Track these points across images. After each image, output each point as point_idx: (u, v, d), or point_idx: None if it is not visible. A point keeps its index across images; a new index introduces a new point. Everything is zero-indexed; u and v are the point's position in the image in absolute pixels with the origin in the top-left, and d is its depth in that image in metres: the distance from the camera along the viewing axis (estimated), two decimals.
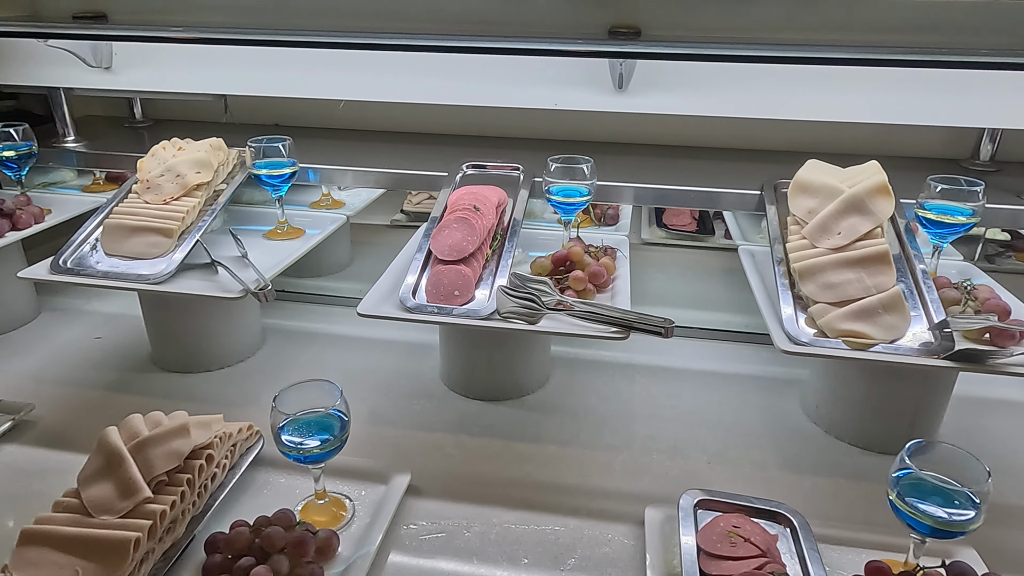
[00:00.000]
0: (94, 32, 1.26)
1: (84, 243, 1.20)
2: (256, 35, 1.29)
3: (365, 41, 1.23)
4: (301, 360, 1.31)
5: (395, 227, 1.79)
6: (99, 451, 0.85)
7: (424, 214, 1.82)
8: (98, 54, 1.34)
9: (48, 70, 1.37)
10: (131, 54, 1.37)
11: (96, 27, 1.27)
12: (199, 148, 1.32)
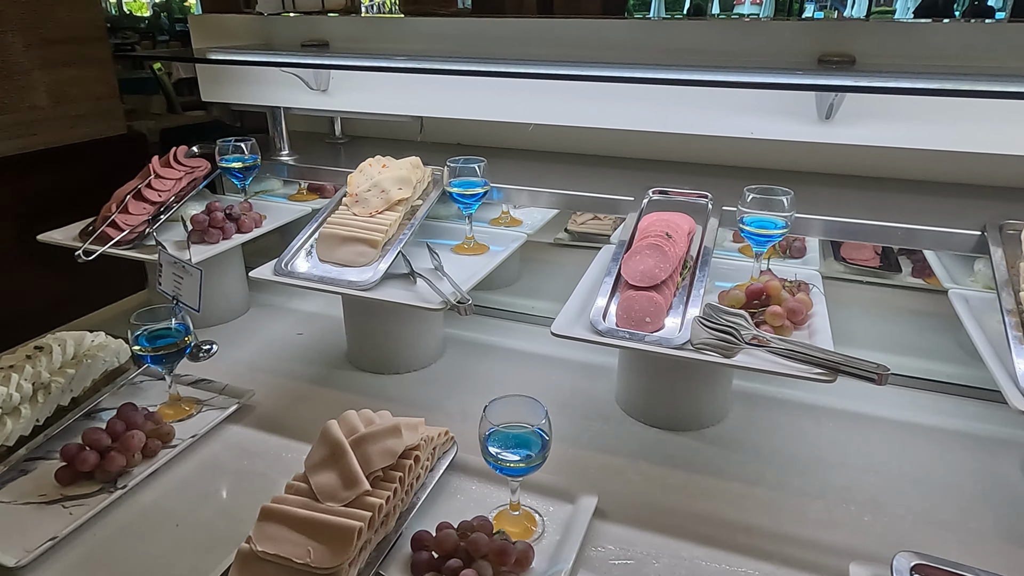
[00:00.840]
0: (316, 62, 1.39)
1: (301, 249, 1.33)
2: (456, 65, 1.37)
3: (561, 72, 1.26)
4: (479, 371, 1.37)
5: (558, 245, 1.83)
6: (323, 442, 0.94)
7: (588, 234, 1.85)
8: (319, 78, 1.48)
9: (274, 91, 1.53)
10: (345, 78, 1.51)
11: (318, 54, 1.41)
12: (401, 166, 1.42)
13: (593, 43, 1.45)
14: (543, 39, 1.46)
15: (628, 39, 1.42)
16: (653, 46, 1.38)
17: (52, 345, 1.14)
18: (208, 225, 1.43)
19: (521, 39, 1.46)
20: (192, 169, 1.57)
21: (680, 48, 1.38)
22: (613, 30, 1.44)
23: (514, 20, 1.45)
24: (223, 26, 1.62)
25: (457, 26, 1.43)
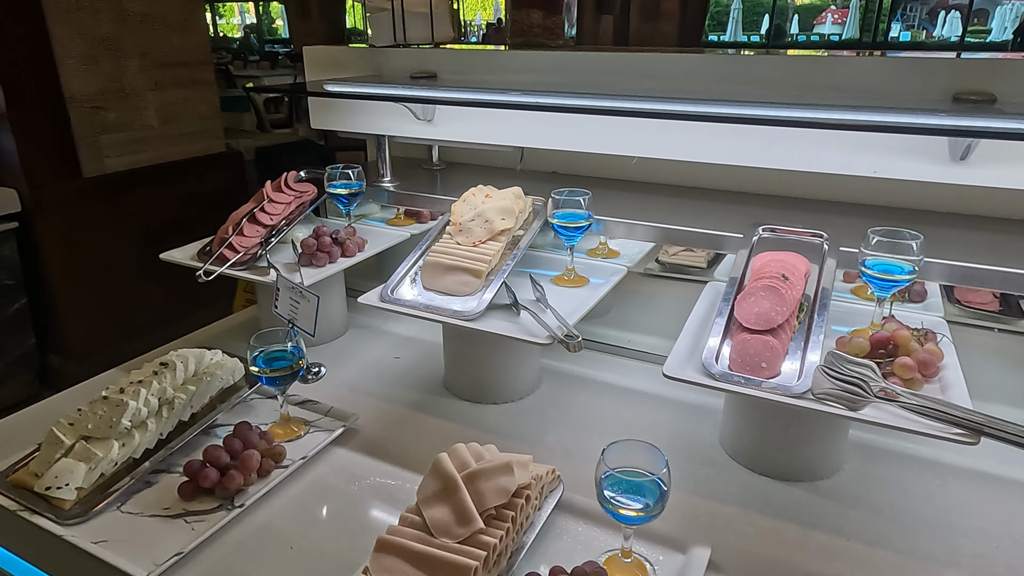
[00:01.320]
0: (427, 95, 1.42)
1: (406, 276, 1.35)
2: (561, 100, 1.37)
3: (670, 109, 1.25)
4: (576, 404, 1.35)
5: (649, 275, 1.80)
6: (436, 475, 0.94)
7: (680, 266, 1.81)
8: (426, 110, 1.52)
9: (382, 120, 1.57)
10: (450, 109, 1.54)
11: (428, 87, 1.45)
12: (504, 196, 1.43)
13: (700, 76, 1.43)
14: (647, 72, 1.45)
15: (736, 73, 1.39)
16: (763, 78, 1.35)
17: (176, 362, 1.19)
18: (316, 249, 1.48)
19: (624, 72, 1.46)
20: (300, 194, 1.63)
21: (791, 83, 1.35)
22: (721, 64, 1.42)
23: (618, 54, 1.45)
24: (335, 58, 1.69)
25: (560, 60, 1.44)
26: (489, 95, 1.37)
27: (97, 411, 1.09)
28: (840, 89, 1.27)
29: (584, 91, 1.38)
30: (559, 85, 1.43)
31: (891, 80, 1.23)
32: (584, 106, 1.22)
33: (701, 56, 1.49)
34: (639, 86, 1.43)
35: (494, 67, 1.51)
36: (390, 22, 1.58)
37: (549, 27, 1.52)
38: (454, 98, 1.36)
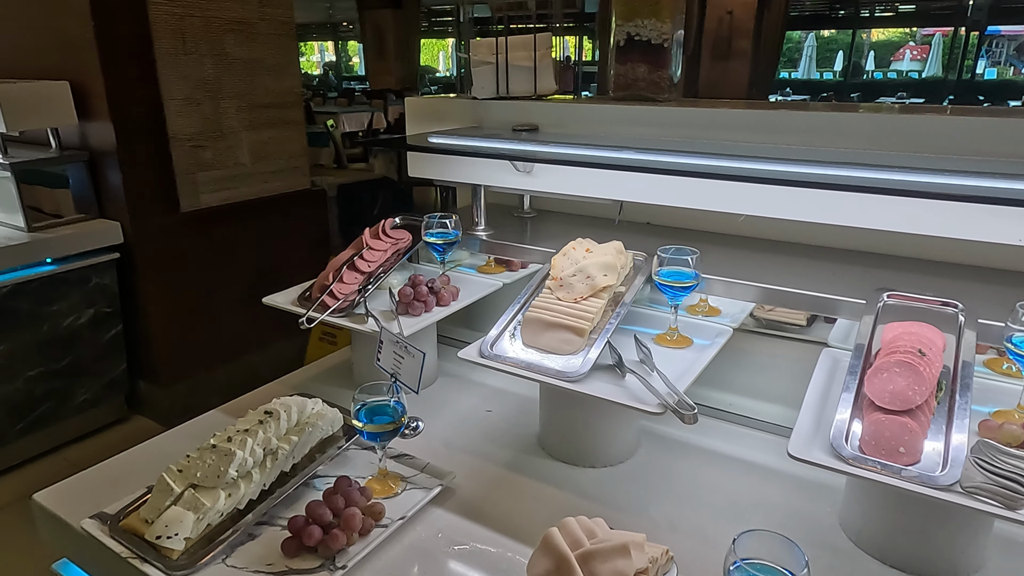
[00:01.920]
0: (530, 149, 1.42)
1: (505, 331, 1.33)
2: (664, 156, 1.34)
3: (785, 171, 1.19)
4: (678, 472, 1.29)
5: (743, 331, 1.72)
6: (547, 552, 0.90)
7: (778, 322, 1.73)
8: (527, 162, 1.51)
9: (480, 171, 1.58)
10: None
11: (530, 139, 1.44)
12: (605, 251, 1.40)
13: (816, 132, 1.37)
14: (751, 126, 1.40)
15: (860, 128, 1.32)
16: (894, 134, 1.28)
17: (280, 411, 1.20)
18: (413, 298, 1.48)
19: (735, 126, 1.41)
20: (396, 241, 1.65)
21: (929, 143, 1.27)
22: (841, 121, 1.36)
23: (726, 111, 1.41)
24: (436, 108, 1.71)
25: (664, 115, 1.40)
26: (592, 151, 1.35)
27: (206, 460, 1.10)
28: (992, 152, 1.19)
29: (688, 148, 1.34)
30: (662, 138, 1.40)
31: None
32: (690, 168, 1.18)
33: (813, 113, 1.44)
34: (746, 139, 1.39)
35: (596, 120, 1.49)
36: (493, 75, 1.59)
37: (655, 81, 1.50)
38: (559, 154, 1.34)
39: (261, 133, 3.59)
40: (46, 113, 2.90)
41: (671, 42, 1.46)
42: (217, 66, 3.29)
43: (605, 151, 1.27)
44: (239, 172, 3.51)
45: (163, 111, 3.11)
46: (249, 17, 3.40)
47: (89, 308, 3.10)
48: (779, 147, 1.35)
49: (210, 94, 3.29)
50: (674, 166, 1.20)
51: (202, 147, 3.31)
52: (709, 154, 1.23)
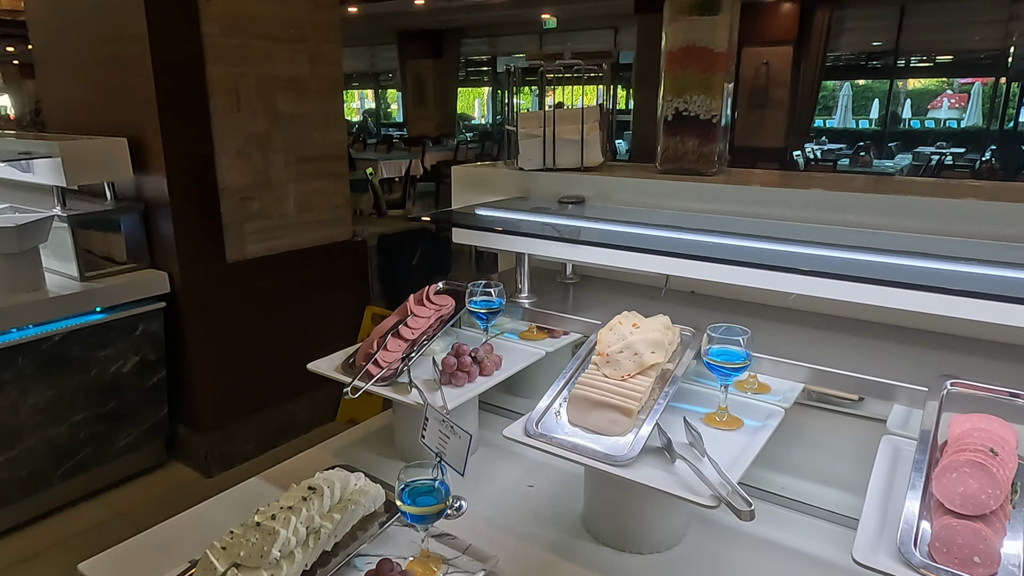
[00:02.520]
0: (570, 232, 1.42)
1: (550, 408, 1.31)
2: (710, 237, 1.32)
3: (847, 261, 1.16)
4: (729, 561, 1.24)
5: (796, 404, 1.67)
6: None
7: (826, 395, 1.68)
8: (572, 233, 1.51)
9: (527, 240, 1.58)
10: (596, 234, 1.53)
11: (575, 214, 1.45)
12: (653, 327, 1.38)
13: (869, 209, 1.34)
14: (811, 205, 1.38)
15: (918, 211, 1.29)
16: (951, 218, 1.25)
17: (323, 487, 1.19)
18: (456, 368, 1.48)
19: (785, 204, 1.39)
20: (440, 307, 1.65)
21: (980, 220, 1.24)
22: (901, 204, 1.33)
23: (779, 190, 1.39)
24: (483, 177, 1.74)
25: (712, 192, 1.40)
26: (639, 229, 1.35)
27: (249, 538, 1.09)
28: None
29: (736, 230, 1.32)
30: (710, 214, 1.39)
31: None
32: (738, 255, 1.16)
33: (871, 196, 1.40)
34: (796, 217, 1.37)
35: (644, 193, 1.49)
36: (540, 147, 1.61)
37: (703, 155, 1.50)
38: (606, 233, 1.34)
39: (307, 185, 3.69)
40: (104, 168, 3.03)
41: (720, 117, 1.46)
42: (268, 121, 3.41)
43: (652, 230, 1.27)
44: (284, 222, 3.60)
45: (215, 164, 3.23)
46: (301, 75, 3.53)
47: (135, 355, 3.17)
48: (831, 229, 1.32)
49: (260, 148, 3.40)
50: (721, 251, 1.18)
51: (250, 199, 3.41)
52: (758, 236, 1.22)
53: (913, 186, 1.45)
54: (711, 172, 1.50)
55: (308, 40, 3.53)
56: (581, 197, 1.57)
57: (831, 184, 1.44)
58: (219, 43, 3.15)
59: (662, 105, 1.49)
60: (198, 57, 3.08)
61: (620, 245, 1.25)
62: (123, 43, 3.05)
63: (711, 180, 1.47)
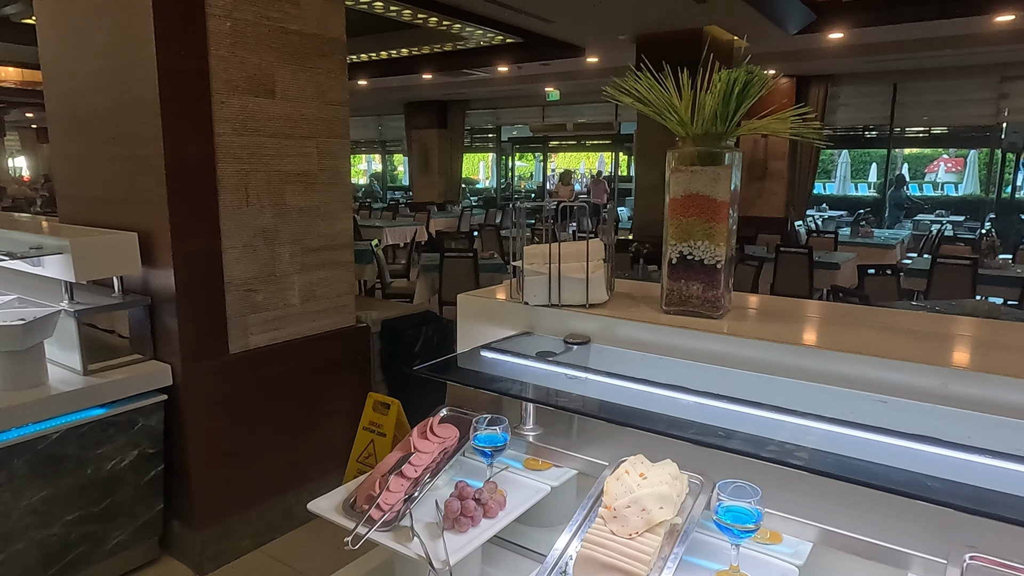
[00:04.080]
0: (572, 401, 1.42)
1: (556, 567, 1.27)
2: (710, 400, 1.31)
3: (853, 436, 1.15)
4: None
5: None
6: None
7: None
8: (576, 373, 1.51)
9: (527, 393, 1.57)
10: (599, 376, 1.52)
11: (580, 356, 1.45)
12: (660, 477, 1.35)
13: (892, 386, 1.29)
14: (823, 365, 1.35)
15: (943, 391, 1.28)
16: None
17: None
18: (460, 514, 1.44)
19: (796, 365, 1.35)
20: (444, 439, 1.63)
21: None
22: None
23: (790, 347, 1.35)
24: (488, 308, 1.75)
25: (718, 342, 1.39)
26: (642, 386, 1.34)
27: None
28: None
29: (744, 396, 1.30)
30: (719, 368, 1.39)
31: None
32: (744, 433, 1.15)
33: (889, 362, 1.33)
34: (808, 375, 1.34)
35: (648, 336, 1.50)
36: (546, 285, 1.63)
37: (708, 300, 1.50)
38: (608, 386, 1.33)
39: (311, 274, 3.72)
40: (114, 264, 3.06)
41: (724, 263, 1.48)
42: (276, 214, 3.46)
43: (656, 388, 1.25)
44: (288, 313, 3.61)
45: (221, 258, 3.26)
46: (309, 169, 3.61)
47: (133, 450, 3.12)
48: (847, 395, 1.30)
49: (267, 241, 3.45)
50: (722, 429, 1.17)
51: (255, 291, 3.43)
52: (767, 407, 1.21)
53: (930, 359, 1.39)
54: (716, 315, 1.51)
55: (317, 136, 3.63)
56: (586, 337, 1.57)
57: (847, 337, 1.42)
58: (231, 142, 3.23)
59: (667, 248, 1.51)
60: (209, 157, 3.16)
61: (619, 420, 1.24)
62: (137, 144, 3.13)
63: (716, 325, 1.47)
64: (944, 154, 23.06)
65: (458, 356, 1.59)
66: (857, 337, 1.42)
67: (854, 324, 1.53)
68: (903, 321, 1.55)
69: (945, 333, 1.41)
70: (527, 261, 1.62)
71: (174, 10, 2.98)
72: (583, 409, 1.32)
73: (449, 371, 1.58)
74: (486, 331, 1.70)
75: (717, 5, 6.93)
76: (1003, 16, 7.71)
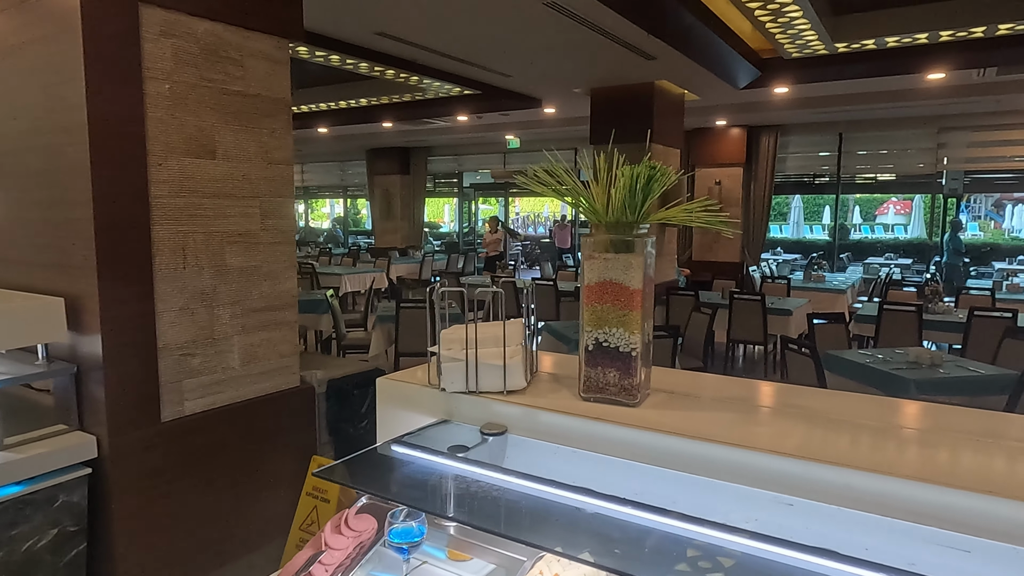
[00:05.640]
0: (495, 480, 1.38)
1: None
2: (626, 507, 1.28)
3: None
4: None
5: None
6: None
7: None
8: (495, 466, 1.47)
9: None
10: (517, 461, 1.48)
11: (496, 449, 1.41)
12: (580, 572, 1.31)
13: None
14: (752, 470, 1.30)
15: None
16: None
17: None
18: None
19: (710, 466, 1.31)
20: (359, 533, 1.56)
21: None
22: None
23: (708, 446, 1.30)
24: (407, 395, 1.70)
25: (631, 434, 1.36)
26: (554, 489, 1.30)
27: None
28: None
29: (662, 505, 1.26)
30: (636, 456, 1.36)
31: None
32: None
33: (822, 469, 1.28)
34: (738, 476, 1.29)
35: (564, 428, 1.47)
36: (463, 371, 1.59)
37: (624, 388, 1.49)
38: (516, 486, 1.29)
39: (254, 336, 3.62)
40: (39, 331, 2.94)
41: (639, 350, 1.47)
42: (215, 276, 3.38)
43: (563, 490, 1.22)
44: (227, 376, 3.50)
45: (155, 323, 3.15)
46: (252, 228, 3.55)
47: (52, 528, 2.94)
48: (755, 496, 1.26)
49: (205, 303, 3.36)
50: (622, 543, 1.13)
51: (192, 355, 3.32)
52: (688, 518, 1.17)
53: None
54: (633, 403, 1.49)
55: (260, 196, 3.58)
56: (503, 427, 1.53)
57: (753, 430, 1.41)
58: (168, 204, 3.17)
59: (583, 335, 1.50)
60: (144, 219, 3.09)
61: (526, 541, 1.20)
62: (67, 207, 3.04)
63: (631, 415, 1.44)
64: (893, 196, 24.05)
65: (375, 449, 1.53)
66: (765, 429, 1.41)
67: (770, 410, 1.52)
68: (823, 405, 1.55)
69: (861, 423, 1.40)
70: (444, 346, 1.58)
71: (109, 74, 2.94)
72: (473, 522, 1.28)
73: (355, 471, 1.53)
74: (406, 418, 1.65)
75: (666, 62, 7.16)
76: (934, 74, 8.13)
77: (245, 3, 3.48)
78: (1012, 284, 9.41)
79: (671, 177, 1.39)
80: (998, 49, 7.15)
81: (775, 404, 1.58)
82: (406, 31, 6.61)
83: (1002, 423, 1.45)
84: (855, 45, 7.45)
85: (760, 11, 6.35)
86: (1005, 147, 11.41)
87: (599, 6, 5.48)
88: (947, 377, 4.88)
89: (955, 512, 1.07)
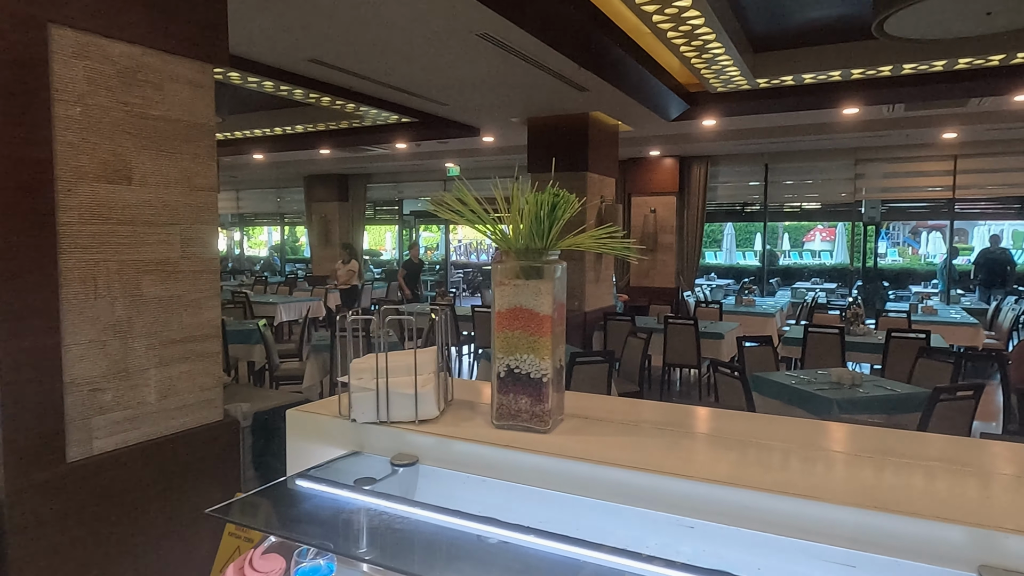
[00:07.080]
0: (405, 512, 1.34)
1: None
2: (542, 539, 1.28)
3: None
4: None
5: None
6: None
7: None
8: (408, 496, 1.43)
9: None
10: (430, 495, 1.45)
11: (406, 480, 1.38)
12: None
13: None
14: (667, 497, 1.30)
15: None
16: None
17: None
18: None
19: (619, 491, 1.31)
20: (265, 575, 1.49)
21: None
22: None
23: (621, 472, 1.29)
24: (317, 425, 1.65)
25: (542, 461, 1.36)
26: (468, 522, 1.28)
27: None
28: None
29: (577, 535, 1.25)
30: (546, 479, 1.36)
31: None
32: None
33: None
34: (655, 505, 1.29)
35: (475, 457, 1.45)
36: (374, 401, 1.56)
37: (536, 414, 1.48)
38: (422, 519, 1.27)
39: (172, 368, 3.46)
40: None
41: (550, 376, 1.47)
42: (129, 307, 3.23)
43: (470, 521, 1.20)
44: (142, 412, 3.32)
45: (61, 357, 2.98)
46: (171, 257, 3.42)
47: None
48: (659, 520, 1.27)
49: (119, 335, 3.19)
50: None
51: (101, 389, 3.14)
52: (585, 543, 1.17)
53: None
54: (544, 430, 1.49)
55: (181, 223, 3.46)
56: (414, 458, 1.50)
57: (662, 455, 1.42)
58: (77, 232, 3.02)
59: (495, 361, 1.49)
60: (50, 248, 2.93)
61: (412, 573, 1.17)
62: None
63: (542, 441, 1.44)
64: (819, 224, 25.29)
65: (283, 483, 1.47)
66: (669, 452, 1.43)
67: (678, 433, 1.55)
68: (732, 427, 1.59)
69: (763, 443, 1.44)
70: (355, 376, 1.55)
71: (12, 98, 2.80)
72: (379, 561, 1.25)
73: (257, 509, 1.46)
74: (317, 451, 1.60)
75: (599, 94, 7.37)
76: (849, 109, 8.65)
77: (166, 26, 3.40)
78: (926, 307, 9.97)
79: (575, 205, 1.42)
80: (903, 87, 7.67)
81: (684, 427, 1.61)
82: (340, 59, 6.59)
83: (897, 440, 1.51)
84: (775, 81, 7.85)
85: (685, 47, 6.63)
86: (917, 178, 12.22)
87: (530, 38, 5.60)
88: (866, 396, 5.10)
89: (842, 528, 1.11)
